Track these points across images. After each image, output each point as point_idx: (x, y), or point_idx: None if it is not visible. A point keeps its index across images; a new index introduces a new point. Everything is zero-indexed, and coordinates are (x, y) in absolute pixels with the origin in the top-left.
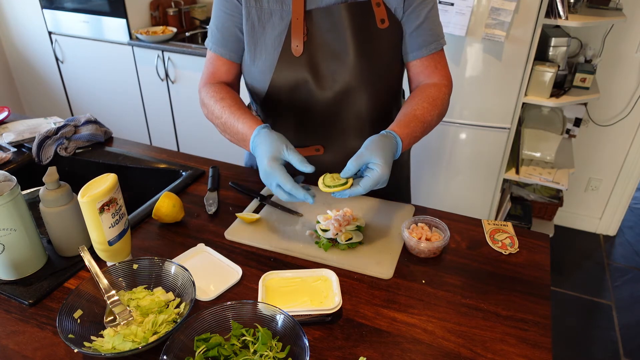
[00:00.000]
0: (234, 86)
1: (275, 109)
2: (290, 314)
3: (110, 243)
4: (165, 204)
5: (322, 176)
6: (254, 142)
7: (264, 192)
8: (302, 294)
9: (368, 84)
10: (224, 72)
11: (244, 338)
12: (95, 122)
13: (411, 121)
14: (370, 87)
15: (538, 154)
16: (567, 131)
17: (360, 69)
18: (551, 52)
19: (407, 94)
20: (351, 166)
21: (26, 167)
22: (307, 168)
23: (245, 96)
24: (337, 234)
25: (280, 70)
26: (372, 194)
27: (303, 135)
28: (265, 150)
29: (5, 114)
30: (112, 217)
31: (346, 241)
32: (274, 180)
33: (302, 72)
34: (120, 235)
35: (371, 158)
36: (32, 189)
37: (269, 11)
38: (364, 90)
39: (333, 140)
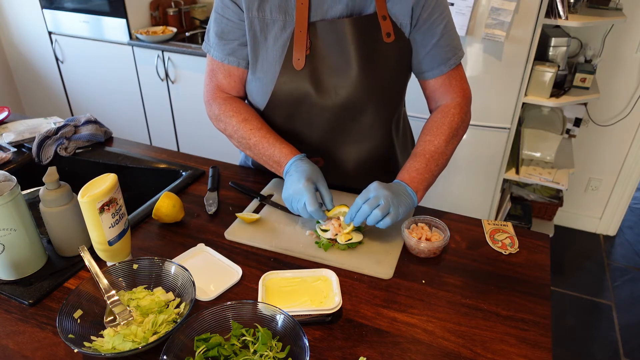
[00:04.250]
0: (243, 97)
1: (275, 120)
2: (290, 314)
3: (110, 243)
4: (165, 204)
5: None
6: (291, 166)
7: (264, 192)
8: (302, 294)
9: (371, 97)
10: (227, 83)
11: (244, 338)
12: (95, 122)
13: (412, 161)
14: (373, 100)
15: (538, 154)
16: (567, 131)
17: (364, 83)
18: (551, 52)
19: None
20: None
21: (26, 167)
22: (330, 205)
23: None
24: (337, 234)
25: (281, 84)
26: (361, 176)
27: (303, 147)
28: (305, 171)
29: (5, 114)
30: (112, 217)
31: (346, 241)
32: (302, 199)
33: (304, 86)
34: (120, 235)
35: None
36: (32, 189)
37: (271, 21)
38: (366, 103)
39: (333, 152)
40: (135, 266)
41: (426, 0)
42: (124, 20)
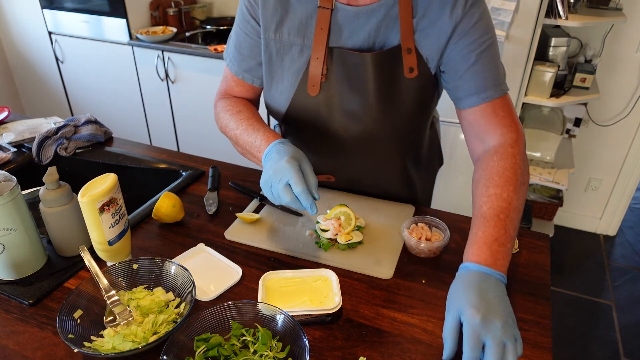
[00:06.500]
0: (252, 103)
1: (291, 133)
2: (290, 314)
3: (110, 243)
4: (165, 204)
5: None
6: (272, 148)
7: None
8: (302, 294)
9: (389, 130)
10: (238, 92)
11: (244, 338)
12: (95, 122)
13: (485, 227)
14: (391, 132)
15: (538, 154)
16: (567, 131)
17: (381, 118)
18: (551, 52)
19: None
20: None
21: (26, 167)
22: (316, 192)
23: (264, 113)
24: (337, 234)
25: (294, 106)
26: (373, 194)
27: (316, 163)
28: (287, 151)
29: (5, 114)
30: (112, 217)
31: (346, 241)
32: (285, 178)
33: (318, 112)
34: (120, 235)
35: (454, 311)
36: (32, 189)
37: (288, 44)
38: (383, 135)
39: (345, 172)
40: (135, 266)
41: (462, 23)
42: (124, 20)
